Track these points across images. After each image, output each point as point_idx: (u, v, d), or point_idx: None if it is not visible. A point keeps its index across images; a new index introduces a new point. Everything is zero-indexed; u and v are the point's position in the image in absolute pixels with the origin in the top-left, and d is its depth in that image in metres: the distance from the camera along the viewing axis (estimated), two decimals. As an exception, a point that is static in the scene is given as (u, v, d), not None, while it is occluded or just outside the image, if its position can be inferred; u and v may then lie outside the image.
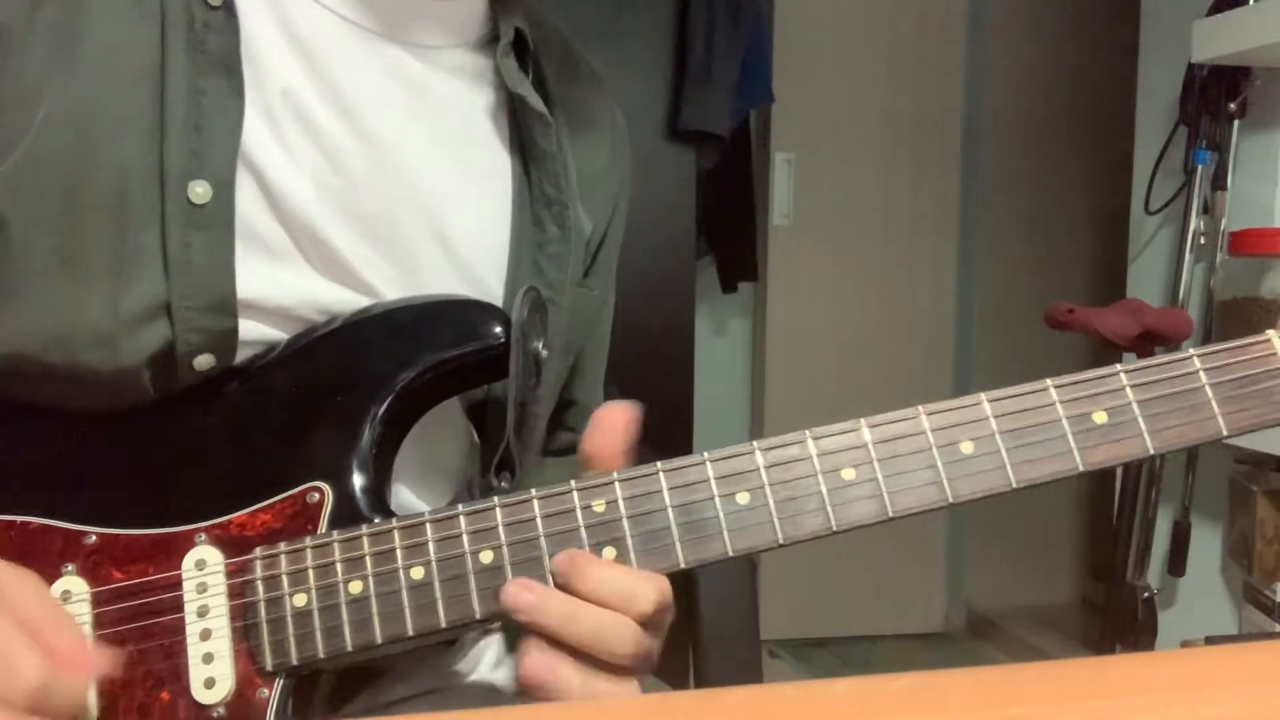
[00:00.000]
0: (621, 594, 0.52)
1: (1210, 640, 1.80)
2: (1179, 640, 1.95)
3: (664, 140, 2.36)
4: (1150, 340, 1.62)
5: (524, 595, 0.53)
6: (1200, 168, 1.93)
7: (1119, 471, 2.11)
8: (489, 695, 0.73)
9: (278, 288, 0.61)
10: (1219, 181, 1.93)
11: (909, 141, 2.90)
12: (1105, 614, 2.06)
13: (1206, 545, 2.00)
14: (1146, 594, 1.98)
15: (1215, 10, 1.79)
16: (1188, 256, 1.97)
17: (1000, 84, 2.99)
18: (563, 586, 0.53)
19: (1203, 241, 1.96)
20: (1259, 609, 1.82)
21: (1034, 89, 3.00)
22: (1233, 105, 1.90)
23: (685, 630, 0.92)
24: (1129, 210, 2.19)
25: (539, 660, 0.52)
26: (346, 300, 0.63)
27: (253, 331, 0.61)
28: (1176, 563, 2.03)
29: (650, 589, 0.53)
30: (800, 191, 2.85)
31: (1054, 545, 3.12)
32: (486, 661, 0.75)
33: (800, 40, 2.79)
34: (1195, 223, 1.96)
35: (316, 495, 0.58)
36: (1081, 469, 0.53)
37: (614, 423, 0.57)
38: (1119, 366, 0.54)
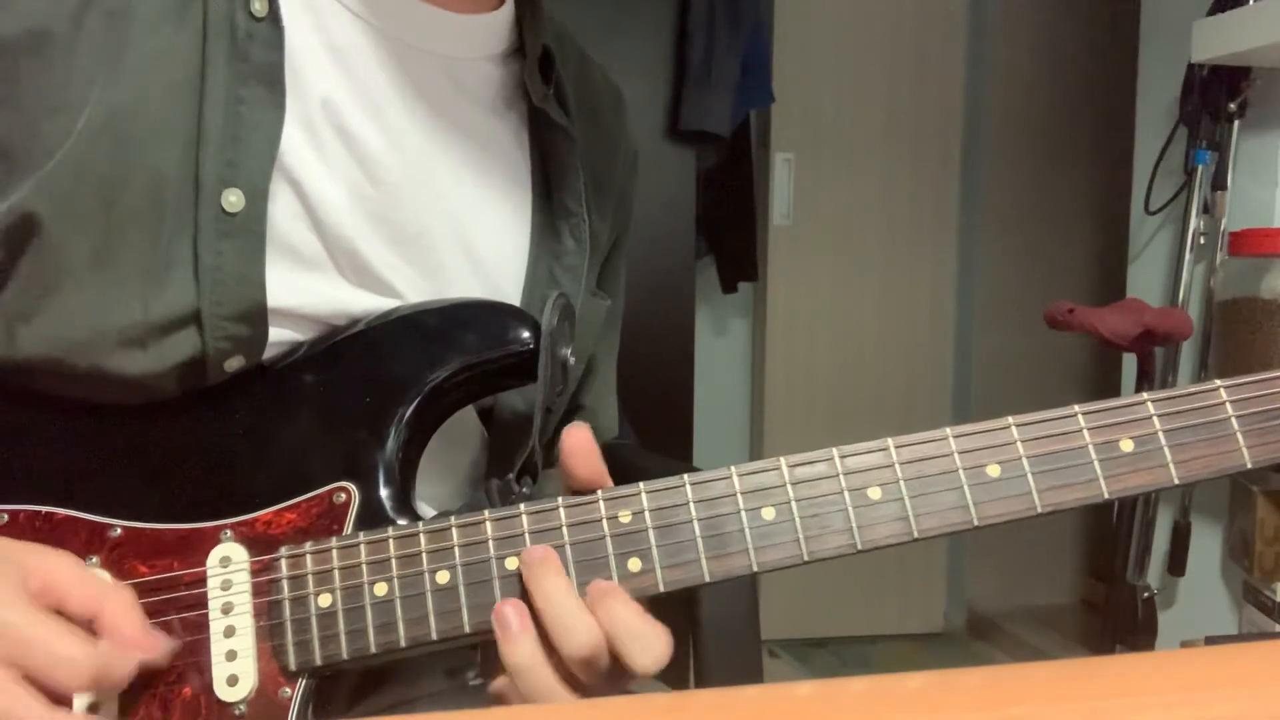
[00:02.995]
0: (630, 635, 0.52)
1: (1210, 640, 1.80)
2: (1179, 640, 1.95)
3: (664, 140, 2.36)
4: (1150, 340, 1.62)
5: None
6: (1200, 168, 1.93)
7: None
8: (494, 697, 0.73)
9: (309, 296, 0.62)
10: (1219, 181, 1.93)
11: (909, 141, 2.90)
12: (1105, 614, 2.06)
13: (1206, 545, 2.00)
14: (1146, 594, 1.98)
15: (1215, 10, 1.79)
16: (1188, 256, 1.97)
17: (1000, 84, 2.99)
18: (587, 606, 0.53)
19: (1203, 241, 1.96)
20: (1259, 609, 1.82)
21: (1034, 89, 3.00)
22: (1233, 105, 1.90)
23: (685, 630, 0.92)
24: (1129, 210, 2.19)
25: (515, 614, 0.52)
26: (376, 308, 0.64)
27: (282, 335, 0.61)
28: (1176, 563, 2.03)
29: (662, 646, 0.53)
30: (800, 191, 2.85)
31: (1054, 545, 3.12)
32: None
33: (800, 40, 2.79)
34: (1195, 223, 1.96)
35: (343, 495, 0.58)
36: (1107, 496, 0.53)
37: (588, 447, 0.55)
38: (1145, 395, 0.54)
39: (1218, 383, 0.54)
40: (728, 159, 2.52)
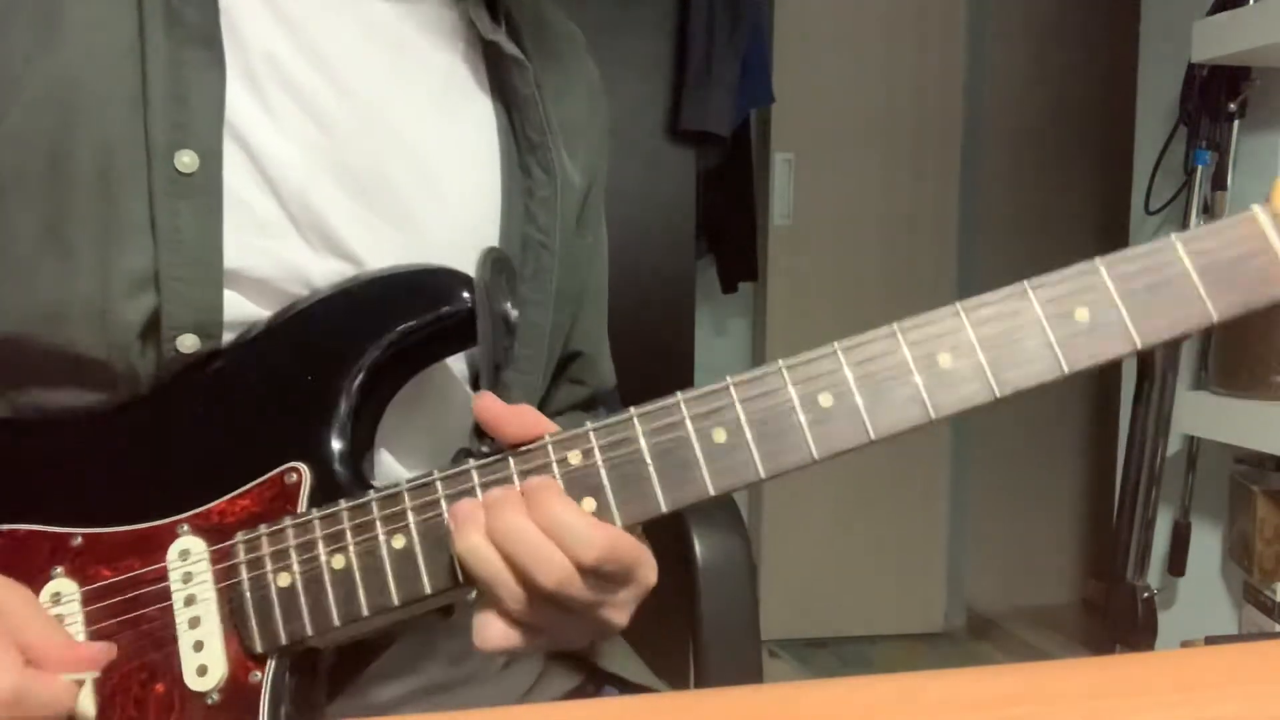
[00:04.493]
0: (564, 530, 0.52)
1: (1210, 640, 1.80)
2: (1179, 640, 1.95)
3: (664, 140, 2.36)
4: (1150, 340, 1.61)
5: (468, 502, 0.54)
6: (1200, 168, 1.93)
7: (1118, 471, 2.11)
8: (497, 695, 0.73)
9: (264, 258, 0.62)
10: (1219, 181, 1.92)
11: (909, 141, 2.90)
12: (1105, 614, 2.06)
13: (1206, 545, 2.00)
14: (1146, 594, 1.98)
15: (1215, 10, 1.79)
16: (1188, 257, 1.97)
17: (1000, 84, 2.99)
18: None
19: (1203, 241, 1.96)
20: (1259, 609, 1.82)
21: (1034, 89, 3.00)
22: (1233, 105, 1.90)
23: (685, 630, 0.92)
24: (1129, 210, 2.19)
25: (481, 547, 0.53)
26: (332, 271, 0.63)
27: (236, 308, 0.61)
28: (1176, 563, 2.03)
29: (597, 538, 0.52)
30: (800, 191, 2.85)
31: (1054, 545, 3.12)
32: (495, 661, 0.75)
33: (800, 40, 2.79)
34: (1195, 223, 1.96)
35: (294, 475, 0.58)
36: (1066, 371, 0.52)
37: (499, 411, 0.56)
38: (1097, 260, 0.52)
39: (1174, 236, 0.52)
40: (728, 159, 2.52)
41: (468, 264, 0.64)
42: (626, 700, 0.52)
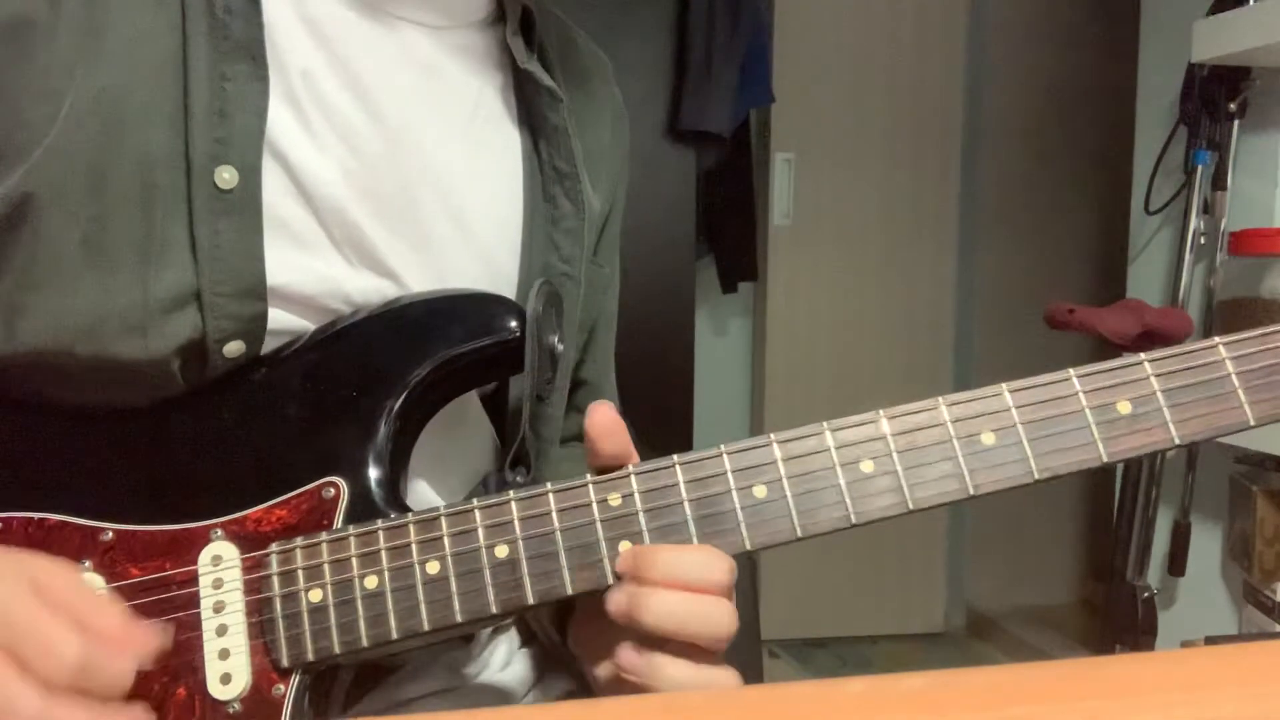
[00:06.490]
0: (698, 568, 0.52)
1: (1210, 640, 1.80)
2: (1179, 640, 1.95)
3: (664, 140, 2.36)
4: (1150, 340, 1.62)
5: (619, 596, 0.53)
6: (1200, 168, 1.93)
7: (1119, 471, 2.11)
8: (499, 696, 0.73)
9: (304, 275, 0.61)
10: (1219, 181, 1.93)
11: (909, 141, 2.90)
12: (1105, 614, 2.06)
13: (1206, 545, 2.00)
14: (1146, 594, 1.98)
15: (1215, 10, 1.79)
16: (1188, 256, 1.97)
17: (1000, 84, 2.99)
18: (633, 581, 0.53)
19: (1203, 241, 1.96)
20: (1259, 609, 1.82)
21: (1034, 89, 3.00)
22: (1233, 105, 1.90)
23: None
24: (1129, 210, 2.19)
25: (634, 659, 0.52)
26: (371, 287, 0.64)
27: (280, 321, 0.61)
28: (1176, 563, 2.03)
29: (719, 557, 0.53)
30: (800, 191, 2.85)
31: (1054, 545, 3.12)
32: (496, 662, 0.75)
33: (800, 40, 2.79)
34: (1195, 223, 1.96)
35: (332, 491, 0.58)
36: (1106, 460, 0.52)
37: (614, 423, 0.55)
38: (1142, 356, 0.53)
39: (1216, 340, 0.53)
40: (728, 159, 2.52)
41: (488, 289, 0.65)
42: (626, 700, 0.52)
